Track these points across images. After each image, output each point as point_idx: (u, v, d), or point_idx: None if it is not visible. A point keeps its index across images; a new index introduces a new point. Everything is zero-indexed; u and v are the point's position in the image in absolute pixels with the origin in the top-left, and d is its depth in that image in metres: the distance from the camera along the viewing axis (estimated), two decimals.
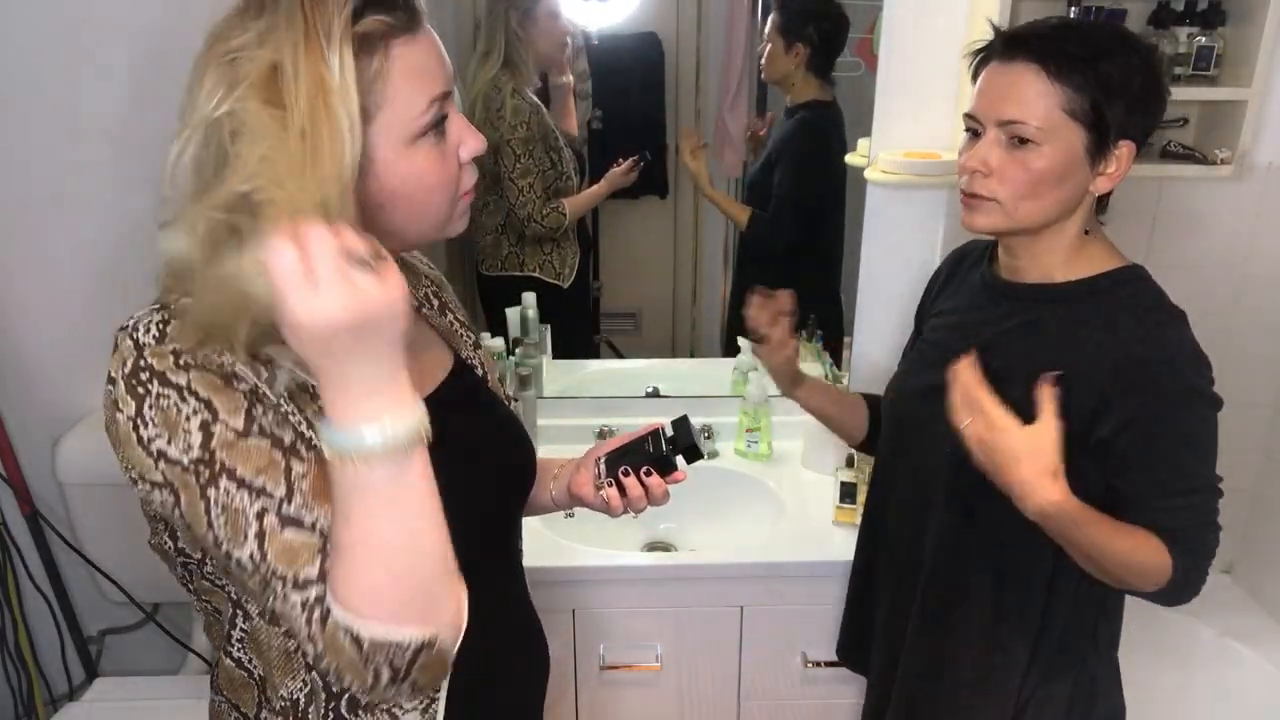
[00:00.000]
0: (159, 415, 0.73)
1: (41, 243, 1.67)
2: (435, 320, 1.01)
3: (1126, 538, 1.07)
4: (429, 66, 0.78)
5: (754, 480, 1.86)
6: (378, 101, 0.74)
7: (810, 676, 1.69)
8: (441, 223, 0.84)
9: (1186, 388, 1.05)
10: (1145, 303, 1.09)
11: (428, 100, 0.77)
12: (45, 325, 1.72)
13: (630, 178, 2.03)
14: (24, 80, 1.58)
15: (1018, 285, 1.16)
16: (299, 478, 0.75)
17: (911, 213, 1.76)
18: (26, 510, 1.79)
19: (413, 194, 0.79)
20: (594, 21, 1.94)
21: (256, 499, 0.74)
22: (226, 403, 0.74)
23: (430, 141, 0.79)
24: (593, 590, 1.61)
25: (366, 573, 0.70)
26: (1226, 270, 1.80)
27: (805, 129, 1.95)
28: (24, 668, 1.84)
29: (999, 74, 1.07)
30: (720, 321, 2.20)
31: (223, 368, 0.75)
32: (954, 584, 1.22)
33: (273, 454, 0.75)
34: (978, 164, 1.07)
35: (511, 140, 1.93)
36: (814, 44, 1.91)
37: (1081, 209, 1.10)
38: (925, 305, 1.37)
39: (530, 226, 1.99)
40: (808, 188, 1.92)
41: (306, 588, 0.73)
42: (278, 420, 0.77)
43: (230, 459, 0.74)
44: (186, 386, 0.74)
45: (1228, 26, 1.59)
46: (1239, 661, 1.80)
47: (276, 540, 0.73)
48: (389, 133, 0.76)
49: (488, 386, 1.04)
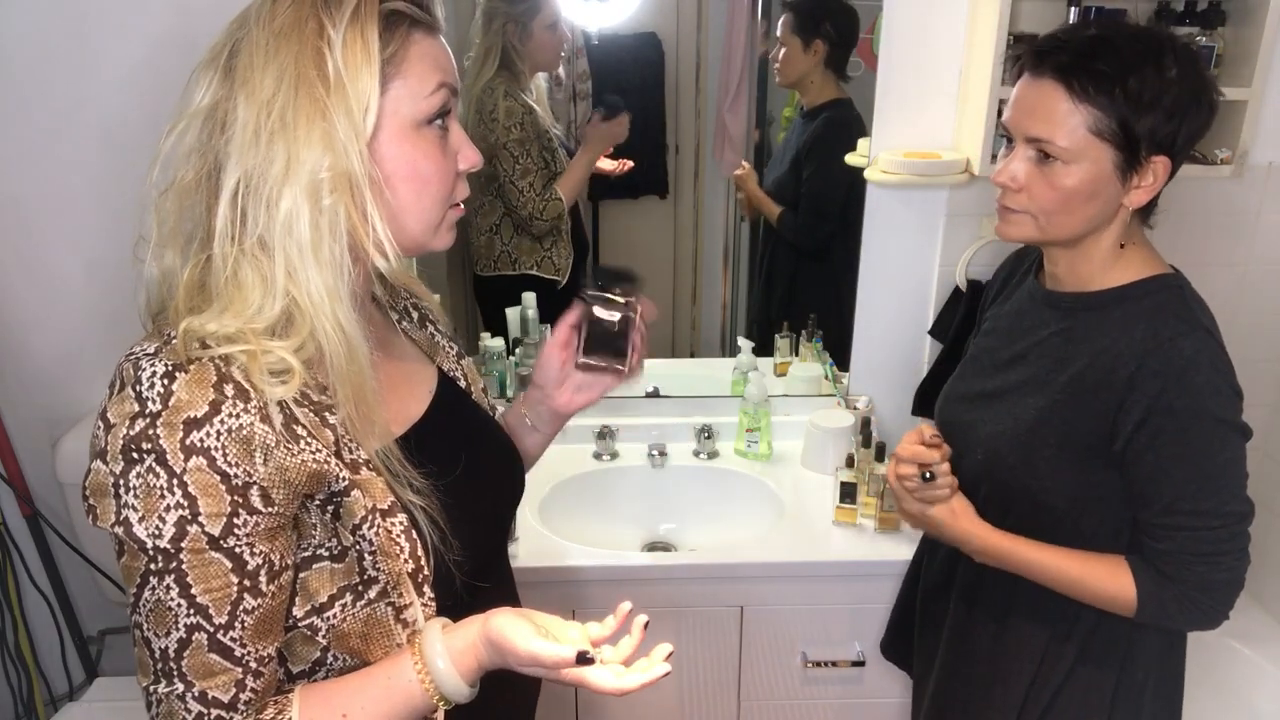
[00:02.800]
0: (141, 491, 0.72)
1: (41, 243, 1.67)
2: (414, 333, 1.00)
3: (1074, 567, 1.10)
4: (442, 59, 0.82)
5: (754, 480, 1.86)
6: (390, 75, 0.78)
7: (810, 676, 1.69)
8: (431, 225, 0.84)
9: (1199, 407, 1.02)
10: (1168, 312, 1.06)
11: (437, 82, 0.80)
12: (45, 325, 1.72)
13: (612, 129, 1.97)
14: (24, 80, 1.58)
15: (1057, 294, 1.16)
16: (245, 612, 0.76)
17: (911, 213, 1.76)
18: (26, 511, 1.79)
19: (409, 179, 0.81)
20: (594, 21, 1.94)
21: (194, 614, 0.74)
22: (211, 505, 0.72)
23: (434, 133, 0.82)
24: (593, 590, 1.61)
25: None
26: (1226, 270, 1.80)
27: (832, 127, 1.95)
28: (24, 668, 1.84)
29: (1028, 88, 1.05)
30: (720, 321, 2.20)
31: (246, 439, 0.73)
32: (981, 580, 1.23)
33: (229, 578, 0.74)
34: (1007, 179, 1.07)
35: (507, 143, 1.93)
36: (832, 40, 1.91)
37: (1117, 221, 1.08)
38: (983, 307, 1.37)
39: (535, 224, 1.99)
40: (837, 186, 1.92)
41: (211, 708, 0.76)
42: (260, 533, 0.75)
43: (189, 565, 0.73)
44: (179, 475, 0.72)
45: (1228, 26, 1.59)
46: (1239, 661, 1.80)
47: (199, 655, 0.75)
48: (398, 110, 0.79)
49: (471, 400, 1.03)
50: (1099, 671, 1.18)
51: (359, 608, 0.81)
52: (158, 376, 0.72)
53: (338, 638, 0.82)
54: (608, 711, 1.71)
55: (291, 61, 0.74)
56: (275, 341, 0.76)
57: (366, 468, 0.81)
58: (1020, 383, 1.16)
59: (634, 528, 1.86)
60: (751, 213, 2.09)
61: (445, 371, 1.01)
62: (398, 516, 0.81)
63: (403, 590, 0.82)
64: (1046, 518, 1.13)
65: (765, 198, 2.05)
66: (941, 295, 1.79)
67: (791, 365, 2.01)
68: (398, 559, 0.81)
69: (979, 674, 1.26)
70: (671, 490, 1.89)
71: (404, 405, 0.92)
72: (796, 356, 2.05)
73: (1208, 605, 1.07)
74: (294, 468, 0.75)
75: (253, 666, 0.77)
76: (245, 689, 0.77)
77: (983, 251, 1.75)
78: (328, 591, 0.81)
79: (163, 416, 0.71)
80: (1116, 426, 1.05)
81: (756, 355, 2.00)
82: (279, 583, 0.77)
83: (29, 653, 1.85)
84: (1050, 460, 1.11)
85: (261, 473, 0.74)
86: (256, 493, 0.74)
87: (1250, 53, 1.54)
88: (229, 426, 0.72)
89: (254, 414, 0.73)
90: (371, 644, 0.83)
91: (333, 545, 0.80)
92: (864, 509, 1.69)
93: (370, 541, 0.80)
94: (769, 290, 2.14)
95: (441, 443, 0.92)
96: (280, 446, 0.75)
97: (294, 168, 0.74)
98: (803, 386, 1.98)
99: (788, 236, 2.06)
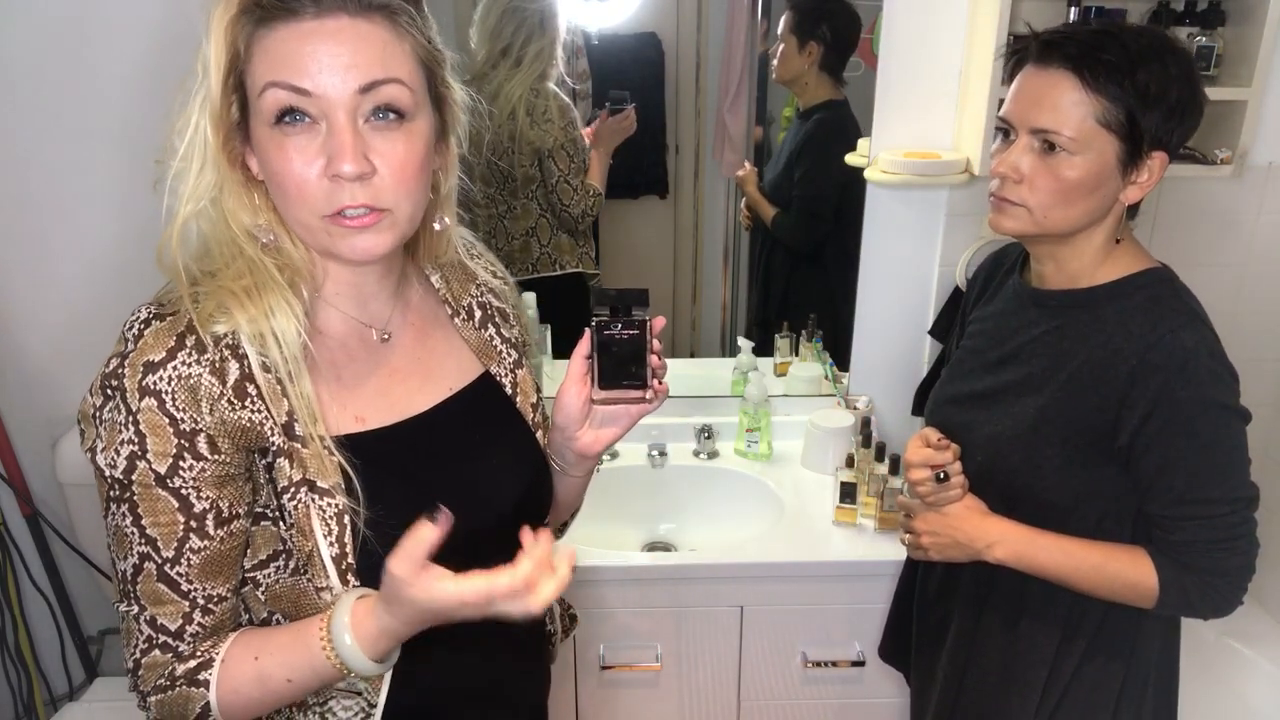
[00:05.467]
0: (108, 424, 0.79)
1: (41, 243, 1.67)
2: (468, 332, 0.99)
3: (1097, 554, 1.09)
4: (292, 54, 0.75)
5: (754, 480, 1.86)
6: (243, 74, 0.78)
7: (810, 676, 1.69)
8: (309, 230, 0.80)
9: (1203, 396, 1.03)
10: (1164, 306, 1.07)
11: (264, 83, 0.76)
12: (45, 325, 1.72)
13: (621, 124, 1.96)
14: (24, 80, 1.58)
15: (1045, 292, 1.16)
16: (192, 551, 0.80)
17: (911, 213, 1.76)
18: (26, 511, 1.79)
19: (271, 179, 0.80)
20: (594, 21, 1.94)
21: (145, 544, 0.80)
22: (158, 444, 0.78)
23: (280, 133, 0.77)
24: (593, 590, 1.61)
25: (256, 707, 0.83)
26: (1226, 270, 1.80)
27: (824, 128, 1.95)
28: (24, 668, 1.84)
29: (1034, 79, 1.05)
30: (720, 321, 2.20)
31: (193, 387, 0.78)
32: (989, 581, 1.23)
33: (176, 516, 0.79)
34: (1009, 170, 1.07)
35: (564, 143, 1.92)
36: (827, 42, 1.91)
37: (1111, 217, 1.09)
38: (965, 310, 1.36)
39: (584, 221, 1.99)
40: (829, 187, 1.92)
41: (159, 634, 0.82)
42: (207, 479, 0.79)
43: (139, 497, 0.79)
44: (134, 413, 0.77)
45: (1227, 26, 1.59)
46: (1239, 661, 1.80)
47: (150, 582, 0.80)
48: (255, 106, 0.78)
49: (512, 409, 1.00)
50: (1106, 668, 1.18)
51: (287, 574, 0.85)
52: (138, 321, 0.80)
53: (273, 597, 0.86)
54: (608, 713, 1.71)
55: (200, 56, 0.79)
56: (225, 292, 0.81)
57: (321, 444, 0.82)
58: (1014, 383, 1.16)
59: (634, 528, 1.86)
60: (750, 221, 2.09)
61: (493, 375, 1.00)
62: (335, 499, 0.82)
63: (315, 572, 0.82)
64: (1051, 515, 1.13)
65: (762, 200, 2.06)
66: (941, 295, 1.79)
67: (791, 365, 2.01)
68: (309, 538, 0.81)
69: (991, 683, 1.25)
70: (671, 490, 1.89)
71: (409, 396, 0.92)
72: (796, 356, 2.05)
73: (1226, 590, 1.07)
74: (232, 422, 0.79)
75: (200, 603, 0.82)
76: (192, 622, 0.82)
77: (982, 251, 1.74)
78: (265, 551, 0.85)
79: (130, 357, 0.78)
80: (1120, 421, 1.06)
81: (756, 355, 2.00)
82: (229, 529, 0.82)
83: (29, 653, 1.85)
84: (1053, 459, 1.11)
85: (208, 421, 0.78)
86: (204, 440, 0.79)
87: (1250, 53, 1.54)
88: (180, 374, 0.78)
89: (205, 366, 0.78)
90: (301, 611, 0.86)
91: (273, 506, 0.83)
92: (864, 509, 1.69)
93: (288, 513, 0.82)
94: (767, 290, 2.14)
95: (427, 440, 0.92)
96: (224, 400, 0.79)
97: (197, 172, 0.80)
98: (803, 386, 1.98)
99: (780, 238, 2.06)
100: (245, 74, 0.78)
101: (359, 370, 0.89)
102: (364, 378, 0.89)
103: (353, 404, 0.87)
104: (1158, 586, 1.07)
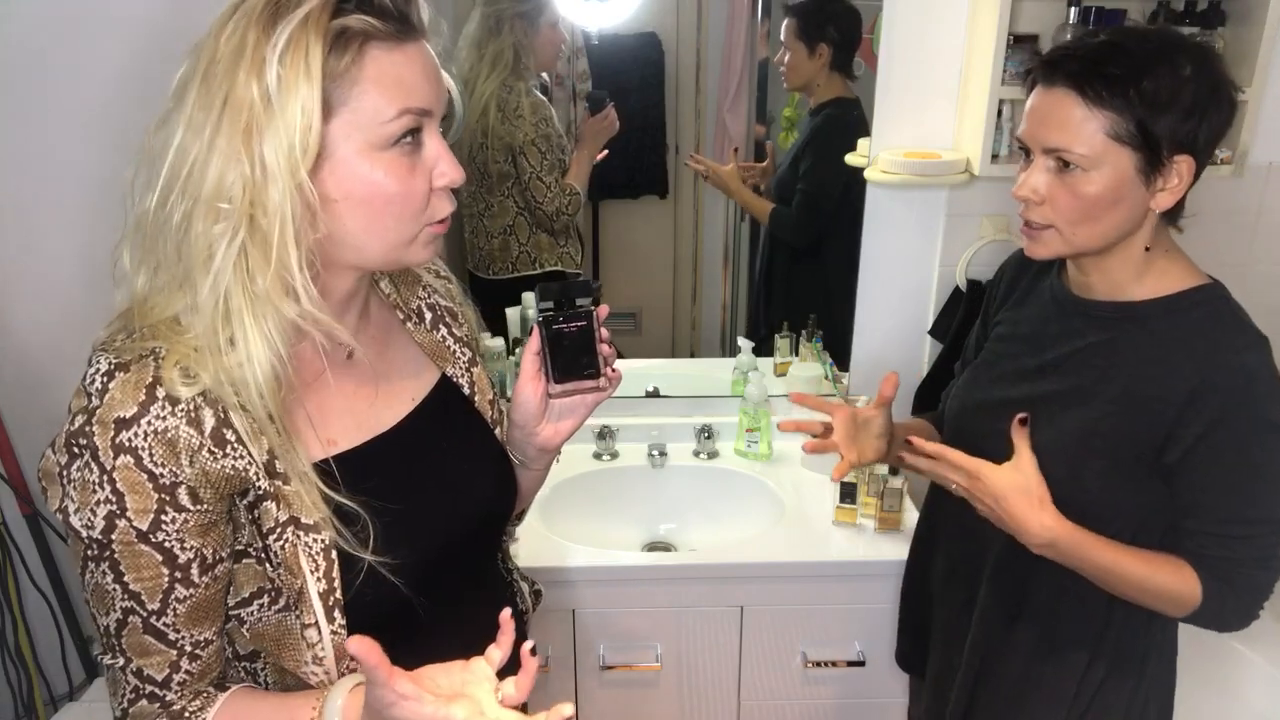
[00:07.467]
0: (79, 483, 0.76)
1: (41, 242, 1.67)
2: (420, 336, 0.99)
3: (1142, 563, 1.07)
4: (407, 78, 0.77)
5: (754, 480, 1.86)
6: (342, 98, 0.75)
7: (810, 676, 1.69)
8: (400, 244, 0.82)
9: (1263, 419, 1.02)
10: (1225, 325, 1.05)
11: (397, 109, 0.76)
12: (45, 325, 1.72)
13: (601, 124, 1.97)
14: (24, 79, 1.58)
15: (1091, 302, 1.13)
16: (178, 601, 0.79)
17: (911, 213, 1.76)
18: (26, 510, 1.79)
19: (369, 201, 0.78)
20: (594, 21, 1.94)
21: (128, 599, 0.78)
22: (138, 502, 0.75)
23: (400, 153, 0.78)
24: (593, 590, 1.61)
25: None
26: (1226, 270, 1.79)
27: (830, 124, 1.95)
28: (24, 668, 1.84)
29: (1042, 99, 1.04)
30: (720, 321, 2.20)
31: (171, 441, 0.74)
32: (1015, 591, 1.21)
33: (160, 570, 0.77)
34: (1029, 193, 1.06)
35: (535, 139, 1.93)
36: (836, 42, 1.91)
37: (1145, 226, 1.07)
38: (989, 309, 1.33)
39: (559, 219, 1.99)
40: (831, 183, 1.92)
41: (145, 684, 0.80)
42: (190, 529, 0.77)
43: (121, 555, 0.77)
44: (108, 471, 0.74)
45: (1227, 26, 1.59)
46: (1239, 661, 1.80)
47: (135, 635, 0.79)
48: (351, 132, 0.76)
49: (471, 410, 1.00)
50: (1120, 686, 1.18)
51: (272, 612, 0.83)
52: (99, 374, 0.76)
53: (255, 635, 0.85)
54: (608, 713, 1.71)
55: (227, 87, 0.73)
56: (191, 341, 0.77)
57: (299, 480, 0.80)
58: (1056, 393, 1.14)
59: (634, 528, 1.86)
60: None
61: (450, 377, 1.00)
62: (321, 534, 0.81)
63: (303, 609, 0.81)
64: (1090, 527, 1.10)
65: (752, 197, 2.05)
66: (941, 295, 1.79)
67: (791, 365, 2.01)
68: (298, 576, 0.80)
69: (1015, 690, 1.23)
70: (671, 490, 1.89)
71: (375, 413, 0.91)
72: (796, 356, 2.05)
73: (1251, 605, 1.08)
74: (215, 472, 0.77)
75: (187, 649, 0.81)
76: (179, 670, 0.81)
77: (983, 251, 1.75)
78: (249, 589, 0.83)
79: (98, 414, 0.74)
80: (1170, 440, 1.04)
81: (756, 355, 2.00)
82: (213, 574, 0.80)
83: (29, 653, 1.85)
84: (1098, 472, 1.09)
85: (188, 473, 0.76)
86: (184, 491, 0.76)
87: (1250, 53, 1.54)
88: (155, 429, 0.74)
89: (180, 417, 0.75)
90: (284, 650, 0.84)
91: (257, 545, 0.82)
92: (864, 509, 1.70)
93: (275, 554, 0.81)
94: (767, 290, 2.14)
95: (400, 457, 0.91)
96: (204, 450, 0.76)
97: (208, 190, 0.74)
98: (803, 386, 1.98)
99: (777, 232, 2.05)
100: (339, 107, 0.75)
101: (326, 392, 0.87)
102: (331, 398, 0.87)
103: (323, 427, 0.86)
104: (1200, 599, 1.06)
